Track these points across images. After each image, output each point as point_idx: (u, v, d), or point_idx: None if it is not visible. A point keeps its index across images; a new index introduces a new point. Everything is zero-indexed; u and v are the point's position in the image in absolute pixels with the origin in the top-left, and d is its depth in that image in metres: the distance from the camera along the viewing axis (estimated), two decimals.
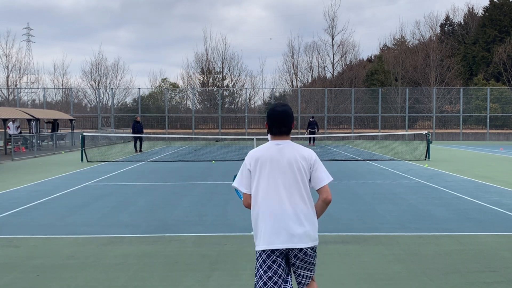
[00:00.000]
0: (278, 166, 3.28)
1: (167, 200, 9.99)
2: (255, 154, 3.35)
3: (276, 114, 3.35)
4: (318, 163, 3.39)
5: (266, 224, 3.26)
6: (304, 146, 3.43)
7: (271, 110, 3.39)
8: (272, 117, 3.36)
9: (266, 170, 3.29)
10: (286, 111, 3.36)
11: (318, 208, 3.43)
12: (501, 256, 5.86)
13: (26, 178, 13.59)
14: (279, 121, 3.34)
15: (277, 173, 3.27)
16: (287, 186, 3.26)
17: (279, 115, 3.34)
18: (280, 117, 3.34)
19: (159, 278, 5.13)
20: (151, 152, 24.96)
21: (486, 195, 10.45)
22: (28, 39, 74.21)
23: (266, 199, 3.27)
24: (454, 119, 41.98)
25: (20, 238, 6.83)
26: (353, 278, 5.08)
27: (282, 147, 3.33)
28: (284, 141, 3.36)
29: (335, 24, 55.90)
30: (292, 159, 3.29)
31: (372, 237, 6.82)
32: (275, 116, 3.35)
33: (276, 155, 3.30)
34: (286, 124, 3.35)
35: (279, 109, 3.37)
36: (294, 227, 3.24)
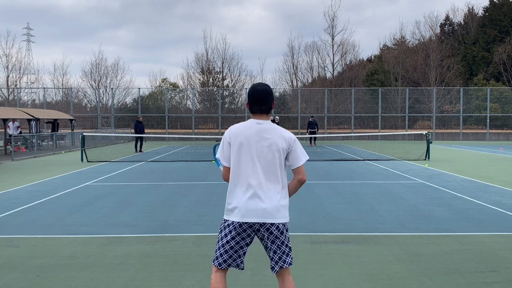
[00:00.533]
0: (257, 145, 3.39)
1: (167, 200, 9.99)
2: (236, 130, 3.45)
3: (257, 92, 3.44)
4: (297, 144, 3.49)
5: (240, 198, 3.39)
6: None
7: (252, 89, 3.48)
8: (253, 96, 3.45)
9: (245, 148, 3.39)
10: (266, 89, 3.46)
11: (292, 187, 3.59)
12: (501, 256, 5.86)
13: (26, 178, 13.59)
14: (260, 99, 3.43)
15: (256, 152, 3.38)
16: (263, 165, 3.38)
17: (260, 93, 3.44)
18: (260, 96, 3.43)
19: (159, 278, 5.13)
20: (151, 152, 24.96)
21: (486, 195, 10.45)
22: (28, 39, 74.20)
23: (244, 175, 3.38)
24: (454, 119, 41.98)
25: (20, 238, 6.83)
26: (353, 278, 5.08)
27: (263, 127, 3.42)
28: (265, 120, 3.46)
29: (335, 24, 55.97)
30: (271, 139, 3.39)
31: (372, 237, 6.82)
32: (256, 94, 3.44)
33: (256, 134, 3.39)
34: (266, 103, 3.44)
35: (259, 87, 3.47)
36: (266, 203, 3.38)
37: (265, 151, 3.39)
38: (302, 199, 9.92)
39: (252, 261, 5.66)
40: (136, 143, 24.58)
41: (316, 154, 22.60)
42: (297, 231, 7.14)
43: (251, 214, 3.37)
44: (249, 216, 3.37)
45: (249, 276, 5.16)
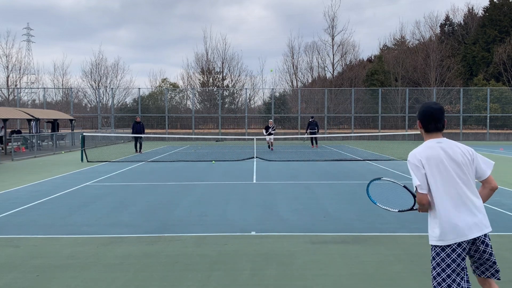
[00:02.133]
0: (450, 162, 3.40)
1: (167, 200, 9.99)
2: (423, 154, 3.41)
3: (434, 111, 3.44)
4: (477, 155, 3.53)
5: (450, 218, 3.36)
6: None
7: (427, 107, 3.47)
8: (428, 114, 3.44)
9: (440, 168, 3.37)
10: (442, 108, 3.49)
11: (485, 196, 3.62)
12: (501, 256, 5.86)
13: (26, 178, 13.59)
14: (436, 118, 3.44)
15: (452, 169, 3.39)
16: (462, 180, 3.44)
17: (436, 112, 3.44)
18: (437, 114, 3.44)
19: (159, 278, 5.13)
20: (151, 152, 24.96)
21: None
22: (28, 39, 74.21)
23: (447, 195, 3.38)
24: (454, 119, 41.99)
25: (20, 238, 6.83)
26: (353, 278, 5.08)
27: (444, 145, 3.44)
28: (443, 138, 3.48)
29: (335, 24, 56.02)
30: (458, 154, 3.42)
31: (372, 237, 6.82)
32: (432, 113, 3.44)
33: (444, 153, 3.41)
34: (441, 121, 3.47)
35: (435, 106, 3.47)
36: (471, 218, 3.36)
37: (458, 167, 3.45)
38: (302, 199, 9.92)
39: (250, 262, 5.66)
40: (135, 143, 24.52)
41: (316, 154, 22.60)
42: (297, 231, 7.14)
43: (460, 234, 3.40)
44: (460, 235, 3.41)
45: (249, 276, 5.17)
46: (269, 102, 44.01)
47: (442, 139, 3.47)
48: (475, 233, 3.32)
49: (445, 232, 3.36)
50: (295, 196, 10.40)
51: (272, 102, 42.53)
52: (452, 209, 3.35)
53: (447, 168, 3.38)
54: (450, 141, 3.49)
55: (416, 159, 3.40)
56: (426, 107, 3.48)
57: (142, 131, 24.34)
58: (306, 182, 12.67)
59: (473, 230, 3.32)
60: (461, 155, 3.43)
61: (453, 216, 3.34)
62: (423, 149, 3.44)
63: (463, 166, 3.42)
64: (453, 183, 3.38)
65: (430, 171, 3.37)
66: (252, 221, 7.87)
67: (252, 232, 7.11)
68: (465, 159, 3.44)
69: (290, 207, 9.11)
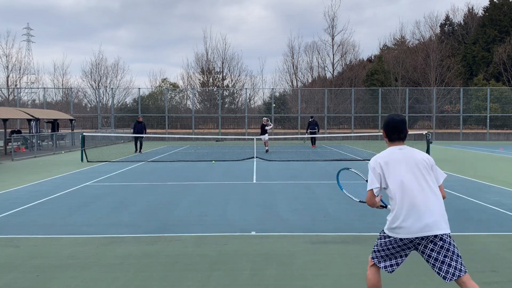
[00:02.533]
0: (410, 166, 3.67)
1: (167, 200, 9.99)
2: (383, 158, 3.73)
3: (396, 122, 3.80)
4: (434, 163, 3.81)
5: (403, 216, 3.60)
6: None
7: (391, 119, 3.84)
8: (392, 125, 3.81)
9: (399, 170, 3.65)
10: (404, 119, 3.85)
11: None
12: (501, 256, 5.86)
13: (26, 178, 13.59)
14: (399, 129, 3.79)
15: (410, 172, 3.65)
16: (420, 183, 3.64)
17: (399, 123, 3.80)
18: (400, 125, 3.80)
19: (159, 278, 5.13)
20: (151, 152, 24.97)
21: (486, 195, 10.45)
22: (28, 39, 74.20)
23: (403, 194, 3.61)
24: (454, 119, 41.99)
25: (20, 238, 6.83)
26: (353, 278, 5.08)
27: (405, 151, 3.76)
28: (405, 146, 3.82)
29: (335, 24, 56.03)
30: (419, 159, 3.71)
31: (372, 237, 6.82)
32: (395, 124, 3.80)
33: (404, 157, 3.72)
34: (403, 131, 3.81)
35: (398, 118, 3.84)
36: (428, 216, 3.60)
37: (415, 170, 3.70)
38: (302, 199, 9.92)
39: (250, 262, 5.66)
40: (135, 143, 24.50)
41: (316, 154, 22.60)
42: (297, 231, 7.14)
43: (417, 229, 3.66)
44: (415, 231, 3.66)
45: (249, 276, 5.17)
46: (269, 102, 44.00)
47: (404, 146, 3.78)
48: (424, 233, 3.57)
49: (397, 227, 3.62)
50: (295, 196, 10.39)
51: (272, 102, 42.52)
52: (406, 209, 3.58)
53: (406, 170, 3.64)
54: (411, 148, 3.79)
55: (375, 163, 3.72)
56: (390, 119, 3.82)
57: (143, 131, 24.17)
58: (306, 182, 12.67)
59: (424, 230, 3.56)
60: (421, 160, 3.69)
61: (406, 215, 3.57)
62: (384, 154, 3.75)
63: (422, 170, 3.66)
64: (411, 185, 3.61)
65: (388, 173, 3.65)
66: (252, 221, 7.87)
67: (252, 232, 7.11)
68: (425, 164, 3.69)
69: (290, 207, 9.10)
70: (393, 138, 3.81)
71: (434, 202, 3.62)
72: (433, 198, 3.62)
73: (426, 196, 3.59)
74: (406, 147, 3.79)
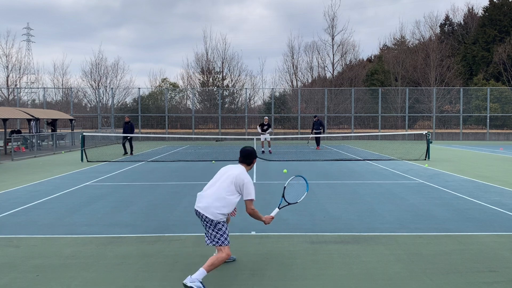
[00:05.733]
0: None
1: (167, 200, 9.99)
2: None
3: (246, 152, 5.55)
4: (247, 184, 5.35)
5: None
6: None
7: (242, 150, 5.58)
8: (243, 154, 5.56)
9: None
10: (251, 151, 5.56)
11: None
12: (501, 256, 5.86)
13: (26, 178, 13.59)
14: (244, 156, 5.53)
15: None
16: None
17: (246, 152, 5.54)
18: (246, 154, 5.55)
19: (159, 278, 5.13)
20: (151, 152, 24.96)
21: (486, 195, 10.45)
22: (28, 39, 74.27)
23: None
24: (454, 119, 41.99)
25: (20, 238, 6.84)
26: (353, 278, 5.08)
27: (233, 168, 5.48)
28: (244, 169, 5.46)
29: (335, 24, 55.95)
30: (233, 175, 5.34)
31: (372, 237, 6.83)
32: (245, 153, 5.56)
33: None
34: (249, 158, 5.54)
35: (247, 149, 5.56)
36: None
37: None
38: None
39: (250, 262, 5.66)
40: (123, 144, 23.07)
41: (316, 154, 22.60)
42: (297, 231, 7.15)
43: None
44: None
45: (248, 276, 5.17)
46: (269, 102, 44.00)
47: (241, 168, 5.46)
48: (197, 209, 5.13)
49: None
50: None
51: (272, 102, 42.52)
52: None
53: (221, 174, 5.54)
54: (240, 166, 5.48)
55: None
56: (242, 150, 5.56)
57: (130, 131, 22.45)
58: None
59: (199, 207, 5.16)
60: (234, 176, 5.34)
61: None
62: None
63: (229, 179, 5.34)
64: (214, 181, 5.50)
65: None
66: (252, 221, 7.86)
67: (252, 232, 7.11)
68: (233, 178, 5.29)
69: (290, 207, 9.09)
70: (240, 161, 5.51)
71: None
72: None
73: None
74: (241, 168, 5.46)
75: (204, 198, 5.10)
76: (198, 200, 5.13)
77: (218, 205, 5.00)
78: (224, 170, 5.41)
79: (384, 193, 10.79)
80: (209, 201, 5.04)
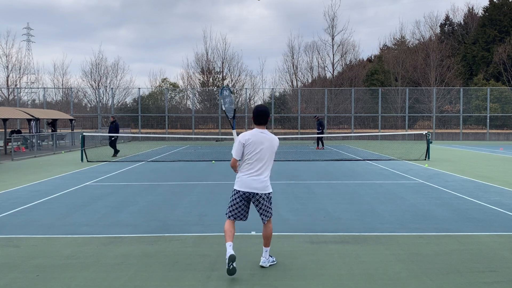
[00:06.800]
0: (264, 146, 5.33)
1: (167, 200, 9.99)
2: (248, 136, 5.36)
3: (260, 112, 5.43)
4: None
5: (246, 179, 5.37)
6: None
7: (256, 109, 5.47)
8: (256, 113, 5.43)
9: (255, 148, 5.32)
10: (266, 110, 5.48)
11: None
12: (501, 256, 5.86)
13: (26, 178, 13.59)
14: (261, 116, 5.41)
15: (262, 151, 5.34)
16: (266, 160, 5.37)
17: (261, 112, 5.42)
18: (262, 114, 5.42)
19: (159, 278, 5.13)
20: (151, 152, 24.97)
21: (486, 195, 10.45)
22: (28, 39, 74.25)
23: (251, 165, 5.36)
24: (454, 119, 41.99)
25: (20, 238, 6.84)
26: (353, 278, 5.08)
27: (264, 134, 5.36)
28: (265, 130, 5.41)
29: (335, 24, 55.92)
30: (274, 142, 5.41)
31: (372, 237, 6.83)
32: (259, 113, 5.43)
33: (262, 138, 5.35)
34: (264, 118, 5.43)
35: (261, 108, 5.47)
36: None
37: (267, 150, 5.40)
38: (302, 199, 9.93)
39: (250, 262, 5.66)
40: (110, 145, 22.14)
41: (316, 154, 22.60)
42: (297, 231, 7.14)
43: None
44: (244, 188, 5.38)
45: (248, 276, 5.17)
46: (269, 102, 43.99)
47: (264, 130, 5.38)
48: (257, 191, 5.30)
49: (239, 185, 5.37)
50: (295, 196, 10.40)
51: (272, 102, 42.52)
52: (248, 174, 5.32)
53: (260, 149, 5.30)
54: (267, 132, 5.37)
55: (243, 138, 5.35)
56: (255, 109, 5.45)
57: (115, 131, 21.72)
58: (306, 182, 12.67)
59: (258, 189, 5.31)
60: (272, 142, 5.36)
61: (246, 178, 5.33)
62: (251, 133, 5.36)
63: (271, 150, 5.36)
64: (260, 160, 5.31)
65: (248, 148, 5.31)
66: (252, 221, 7.86)
67: (252, 232, 7.11)
68: (274, 147, 5.37)
69: (290, 207, 9.11)
70: (257, 122, 5.41)
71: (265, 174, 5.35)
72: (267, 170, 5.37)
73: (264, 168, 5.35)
74: (265, 131, 5.38)
75: (255, 180, 5.29)
76: (249, 182, 5.29)
77: (268, 177, 5.38)
78: (258, 144, 5.33)
79: (384, 193, 10.79)
80: (261, 179, 5.29)
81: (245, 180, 5.30)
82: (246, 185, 5.28)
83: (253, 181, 5.27)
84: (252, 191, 5.26)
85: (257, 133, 5.31)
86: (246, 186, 5.28)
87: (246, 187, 5.28)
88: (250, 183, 5.27)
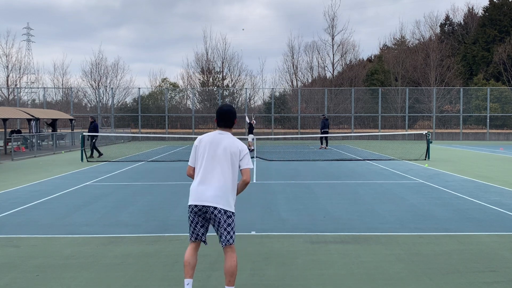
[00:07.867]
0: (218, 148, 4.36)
1: (167, 200, 9.99)
2: (202, 138, 4.50)
3: (223, 112, 4.44)
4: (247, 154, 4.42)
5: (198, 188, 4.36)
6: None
7: (219, 109, 4.49)
8: (219, 114, 4.46)
9: (204, 150, 4.38)
10: (231, 110, 4.47)
11: (239, 186, 4.47)
12: (501, 256, 5.86)
13: (26, 178, 13.59)
14: (224, 117, 4.43)
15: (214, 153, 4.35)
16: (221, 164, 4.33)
17: (225, 113, 4.44)
18: (226, 115, 4.44)
19: (159, 278, 5.13)
20: (151, 152, 24.97)
21: (486, 195, 10.45)
22: (28, 39, 74.21)
23: (202, 170, 4.37)
24: (454, 119, 41.98)
25: (20, 238, 6.83)
26: (353, 278, 5.08)
27: (222, 136, 4.42)
28: (226, 132, 4.47)
29: (335, 24, 55.93)
30: (230, 146, 4.36)
31: (372, 237, 6.82)
32: (222, 113, 4.45)
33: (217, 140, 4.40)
34: (230, 120, 4.45)
35: (225, 108, 4.47)
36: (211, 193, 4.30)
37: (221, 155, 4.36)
38: (302, 199, 9.92)
39: (250, 262, 5.66)
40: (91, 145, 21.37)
41: (316, 154, 22.61)
42: (297, 231, 7.14)
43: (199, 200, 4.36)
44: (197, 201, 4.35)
45: (249, 276, 5.17)
46: (269, 101, 43.99)
47: (225, 132, 4.45)
48: (208, 203, 4.25)
49: (190, 198, 4.38)
50: (295, 196, 10.39)
51: (272, 102, 42.52)
52: (198, 181, 4.36)
53: (214, 150, 4.34)
54: (229, 135, 4.44)
55: (196, 140, 4.52)
56: (218, 108, 4.50)
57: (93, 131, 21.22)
58: (306, 182, 12.67)
59: (208, 201, 4.26)
60: (232, 146, 4.35)
61: (196, 187, 4.35)
62: (207, 134, 4.51)
63: (231, 156, 4.32)
64: (213, 163, 4.33)
65: (199, 149, 4.42)
66: (252, 221, 7.87)
67: (252, 232, 7.11)
68: (234, 153, 4.33)
69: (290, 207, 9.11)
70: (219, 124, 4.47)
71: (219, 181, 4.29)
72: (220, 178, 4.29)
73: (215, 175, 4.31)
74: (226, 133, 4.45)
75: (207, 188, 4.29)
76: (200, 192, 4.31)
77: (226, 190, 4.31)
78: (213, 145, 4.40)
79: (384, 193, 10.79)
80: (215, 186, 4.28)
81: (194, 189, 4.33)
82: (196, 197, 4.29)
83: (204, 190, 4.26)
84: (203, 203, 4.24)
85: (215, 134, 4.43)
86: (196, 198, 4.28)
87: (196, 199, 4.28)
88: (201, 193, 4.27)
